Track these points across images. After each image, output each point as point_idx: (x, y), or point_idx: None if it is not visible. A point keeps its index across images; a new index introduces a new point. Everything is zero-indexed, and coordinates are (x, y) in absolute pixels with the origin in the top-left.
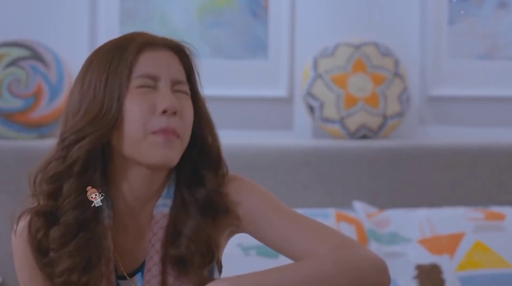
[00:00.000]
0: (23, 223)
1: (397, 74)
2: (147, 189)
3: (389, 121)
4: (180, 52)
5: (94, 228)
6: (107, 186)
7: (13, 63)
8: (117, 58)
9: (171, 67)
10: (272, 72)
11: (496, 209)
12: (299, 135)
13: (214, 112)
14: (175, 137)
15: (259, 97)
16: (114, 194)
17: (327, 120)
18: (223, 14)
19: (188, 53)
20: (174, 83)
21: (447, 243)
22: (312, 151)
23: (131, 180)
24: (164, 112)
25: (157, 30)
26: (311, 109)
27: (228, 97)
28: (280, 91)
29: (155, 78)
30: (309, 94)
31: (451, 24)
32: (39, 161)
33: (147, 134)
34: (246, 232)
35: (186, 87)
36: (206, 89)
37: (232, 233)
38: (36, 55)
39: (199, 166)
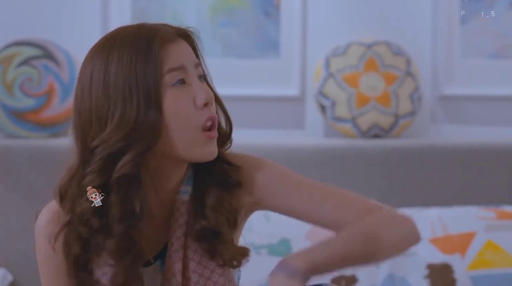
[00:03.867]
0: (61, 235)
1: (409, 73)
2: (175, 179)
3: (400, 120)
4: (188, 37)
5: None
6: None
7: (25, 62)
8: (142, 57)
9: (190, 54)
10: (284, 71)
11: (507, 209)
12: (311, 134)
13: None
14: (216, 129)
15: (271, 96)
16: (144, 189)
17: (339, 119)
18: (235, 13)
19: (193, 36)
20: (196, 66)
21: (459, 243)
22: (323, 150)
23: (163, 174)
24: (205, 105)
25: None
26: (322, 108)
27: (240, 96)
28: (292, 90)
29: (184, 69)
30: (321, 93)
31: (463, 23)
32: (63, 170)
33: (197, 130)
34: (267, 209)
35: (202, 69)
36: (218, 88)
37: (249, 212)
38: (48, 54)
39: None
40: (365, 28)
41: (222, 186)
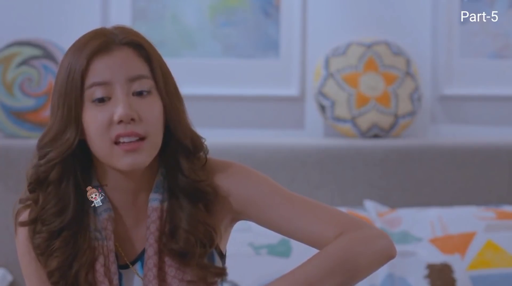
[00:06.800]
0: (21, 220)
1: (408, 73)
2: (132, 184)
3: (400, 120)
4: (139, 47)
5: (76, 226)
6: (98, 181)
7: (25, 62)
8: (73, 69)
9: (128, 65)
10: (284, 71)
11: (507, 209)
12: (311, 134)
13: (225, 111)
14: (138, 142)
15: (271, 96)
16: (106, 188)
17: (339, 119)
18: (234, 13)
19: (145, 47)
20: (132, 80)
21: (458, 243)
22: (323, 150)
23: (114, 177)
24: (121, 122)
25: (169, 29)
26: (322, 108)
27: (240, 96)
28: (292, 90)
29: (107, 84)
30: (321, 93)
31: (463, 23)
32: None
33: (110, 144)
34: (248, 219)
35: (146, 82)
36: (218, 88)
37: (234, 220)
38: (47, 54)
39: (178, 155)
40: (365, 28)
41: (193, 201)
